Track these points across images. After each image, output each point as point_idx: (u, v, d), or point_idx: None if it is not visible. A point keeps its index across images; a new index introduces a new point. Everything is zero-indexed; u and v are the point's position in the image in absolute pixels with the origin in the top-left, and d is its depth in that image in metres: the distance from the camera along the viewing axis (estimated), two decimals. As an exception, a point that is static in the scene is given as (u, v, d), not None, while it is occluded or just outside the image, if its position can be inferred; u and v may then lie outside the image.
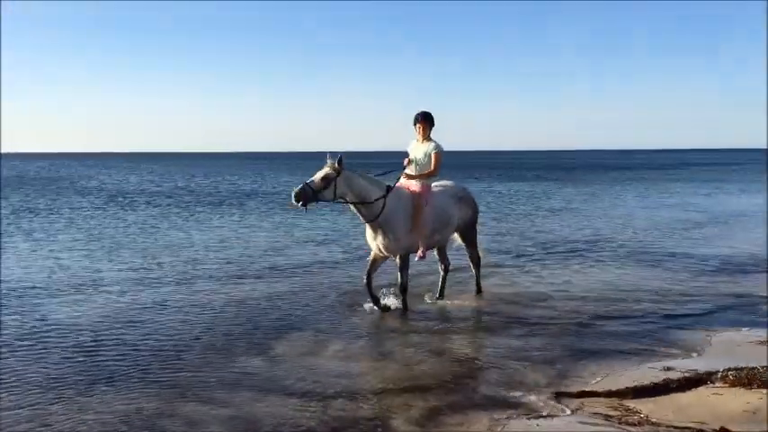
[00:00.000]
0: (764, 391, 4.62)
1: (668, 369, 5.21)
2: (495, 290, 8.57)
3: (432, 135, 7.43)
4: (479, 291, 8.21)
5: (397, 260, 7.25)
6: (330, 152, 6.80)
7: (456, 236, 8.04)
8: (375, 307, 7.33)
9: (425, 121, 7.37)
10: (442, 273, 8.13)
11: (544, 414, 4.46)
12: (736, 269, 9.88)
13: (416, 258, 7.27)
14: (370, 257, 7.42)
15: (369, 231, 7.18)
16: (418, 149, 7.37)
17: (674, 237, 13.81)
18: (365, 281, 7.33)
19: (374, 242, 7.18)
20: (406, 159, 7.39)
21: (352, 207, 7.02)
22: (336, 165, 6.71)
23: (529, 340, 6.34)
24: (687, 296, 8.12)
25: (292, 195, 6.60)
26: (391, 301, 7.54)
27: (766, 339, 6.07)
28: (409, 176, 7.33)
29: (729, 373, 4.96)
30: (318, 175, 6.74)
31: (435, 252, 8.01)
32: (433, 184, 7.47)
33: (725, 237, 13.70)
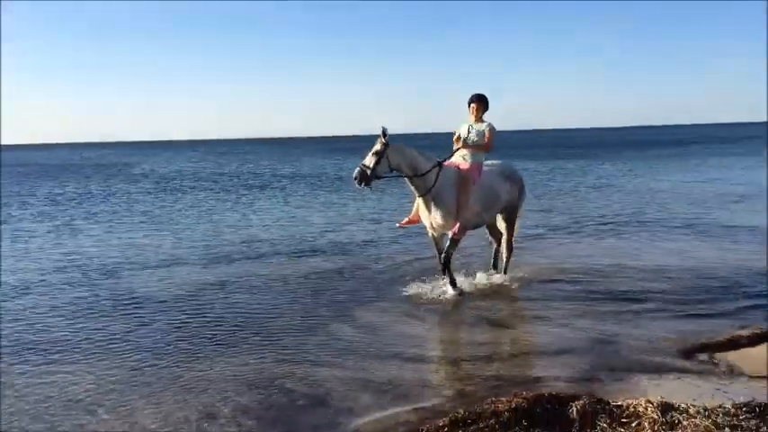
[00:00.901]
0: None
1: (742, 327, 5.55)
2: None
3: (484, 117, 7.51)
4: (505, 272, 8.09)
5: (450, 234, 7.28)
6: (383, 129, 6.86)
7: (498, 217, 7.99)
8: (451, 289, 7.36)
9: (480, 102, 7.49)
10: (495, 246, 8.24)
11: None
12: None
13: (450, 234, 7.36)
14: (430, 238, 7.55)
15: (422, 208, 7.28)
16: (472, 129, 7.45)
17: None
18: (441, 264, 7.39)
19: (428, 219, 7.27)
20: (456, 138, 7.49)
21: (407, 180, 7.12)
22: (382, 138, 6.85)
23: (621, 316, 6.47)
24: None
25: (354, 179, 6.84)
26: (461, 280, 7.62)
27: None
28: (464, 148, 7.38)
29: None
30: (370, 153, 6.90)
31: (487, 230, 8.15)
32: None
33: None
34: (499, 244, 8.23)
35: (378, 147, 6.86)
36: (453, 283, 7.38)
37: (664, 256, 9.07)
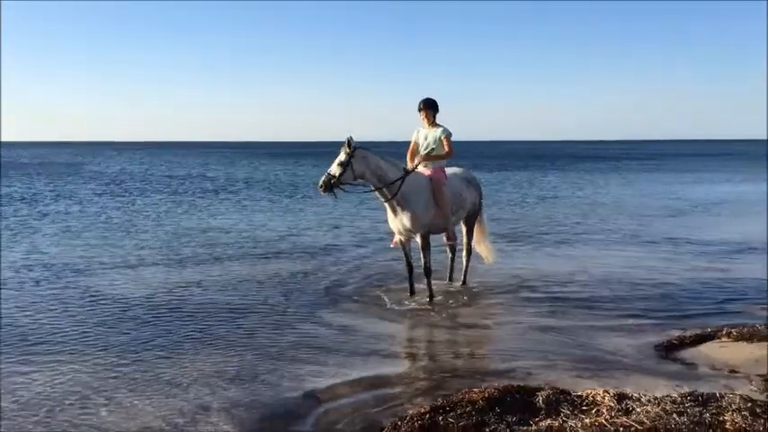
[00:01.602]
0: (764, 343, 5.53)
1: (683, 329, 6.12)
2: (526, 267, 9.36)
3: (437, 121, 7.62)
4: (464, 282, 8.24)
5: (419, 240, 7.38)
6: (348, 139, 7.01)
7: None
8: (410, 293, 7.59)
9: (428, 108, 7.54)
10: (451, 255, 8.38)
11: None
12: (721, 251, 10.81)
13: (445, 239, 7.69)
14: (398, 242, 7.65)
15: (389, 213, 7.40)
16: (427, 135, 7.57)
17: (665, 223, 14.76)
18: (406, 268, 7.63)
19: (394, 223, 7.41)
20: (412, 145, 7.65)
21: (372, 187, 7.21)
22: (347, 147, 6.95)
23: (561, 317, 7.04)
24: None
25: (319, 187, 7.04)
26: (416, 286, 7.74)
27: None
28: (426, 159, 7.48)
29: (733, 330, 5.86)
30: (335, 162, 7.03)
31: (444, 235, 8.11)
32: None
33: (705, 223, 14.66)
34: (453, 252, 8.34)
35: (343, 157, 6.97)
36: (431, 295, 7.50)
37: (615, 265, 9.62)
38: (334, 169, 6.99)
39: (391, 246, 8.01)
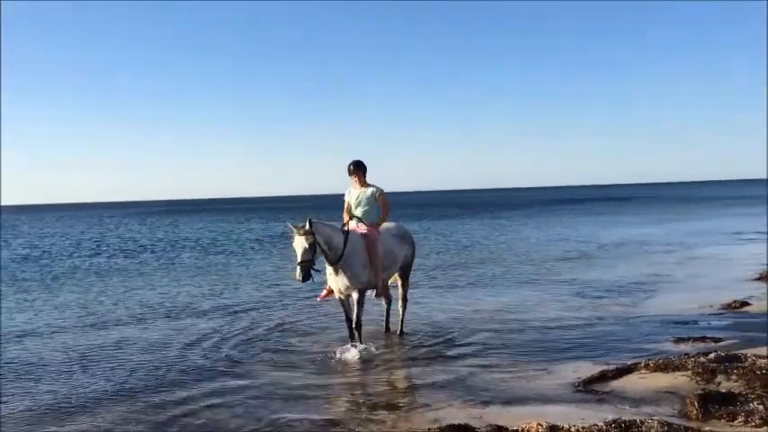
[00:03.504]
0: (678, 372, 6.00)
1: (607, 364, 6.53)
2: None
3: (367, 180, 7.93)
4: (401, 333, 8.43)
5: (355, 296, 7.57)
6: (291, 223, 7.15)
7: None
8: (357, 347, 7.51)
9: (358, 169, 7.86)
10: (387, 306, 8.61)
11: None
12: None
13: (374, 296, 7.86)
14: (329, 295, 7.82)
15: (330, 273, 7.53)
16: (359, 195, 7.89)
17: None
18: (347, 324, 7.75)
19: (336, 283, 7.55)
20: (347, 205, 7.93)
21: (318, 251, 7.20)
22: (309, 228, 7.00)
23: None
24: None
25: (299, 279, 6.95)
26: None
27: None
28: (360, 222, 7.76)
29: (650, 362, 6.31)
30: (302, 249, 6.97)
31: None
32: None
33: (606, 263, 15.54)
34: (389, 303, 8.62)
35: (309, 240, 6.95)
36: (360, 341, 7.59)
37: (536, 307, 10.13)
38: (306, 254, 6.95)
39: (318, 299, 8.16)
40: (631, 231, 25.30)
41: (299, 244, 6.98)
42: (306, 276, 6.94)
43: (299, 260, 6.95)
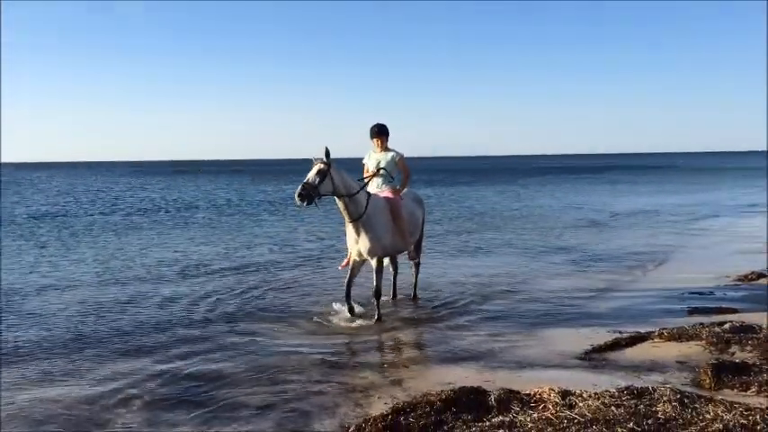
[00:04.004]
0: (692, 342, 6.00)
1: (619, 332, 6.57)
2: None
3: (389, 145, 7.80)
4: (415, 296, 8.46)
5: (374, 263, 7.39)
6: (314, 157, 6.97)
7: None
8: (348, 313, 7.51)
9: (381, 134, 7.69)
10: (394, 273, 8.49)
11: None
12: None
13: (408, 258, 8.04)
14: (350, 263, 7.59)
15: (350, 234, 7.33)
16: (379, 159, 7.72)
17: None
18: (345, 288, 7.49)
19: (355, 246, 7.34)
20: (366, 170, 7.77)
21: (339, 205, 7.10)
22: (325, 158, 6.84)
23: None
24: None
25: (296, 197, 6.66)
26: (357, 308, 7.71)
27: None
28: (395, 191, 7.65)
29: (664, 331, 6.32)
30: (312, 172, 6.79)
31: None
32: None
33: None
34: (396, 270, 8.50)
35: (321, 166, 6.79)
36: (379, 317, 7.45)
37: (546, 276, 10.12)
38: (312, 178, 6.74)
39: (340, 268, 7.98)
40: (648, 200, 25.09)
41: (311, 170, 6.81)
42: (304, 198, 6.60)
43: (304, 180, 6.73)
